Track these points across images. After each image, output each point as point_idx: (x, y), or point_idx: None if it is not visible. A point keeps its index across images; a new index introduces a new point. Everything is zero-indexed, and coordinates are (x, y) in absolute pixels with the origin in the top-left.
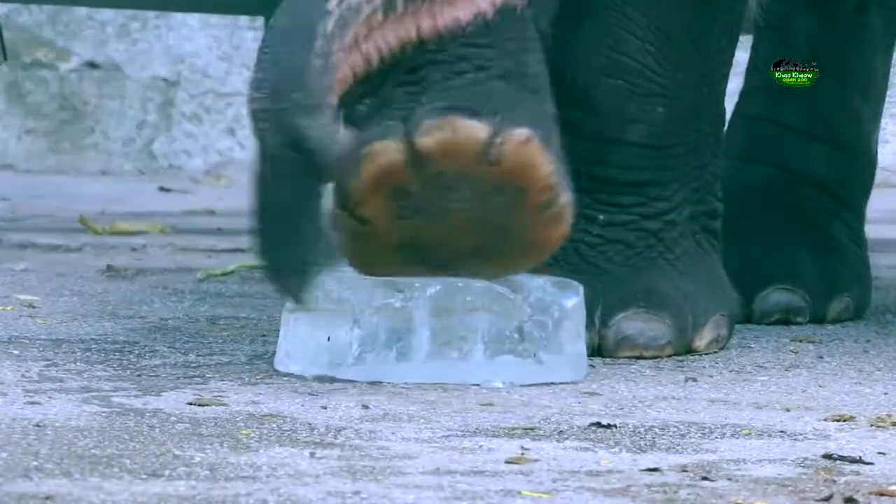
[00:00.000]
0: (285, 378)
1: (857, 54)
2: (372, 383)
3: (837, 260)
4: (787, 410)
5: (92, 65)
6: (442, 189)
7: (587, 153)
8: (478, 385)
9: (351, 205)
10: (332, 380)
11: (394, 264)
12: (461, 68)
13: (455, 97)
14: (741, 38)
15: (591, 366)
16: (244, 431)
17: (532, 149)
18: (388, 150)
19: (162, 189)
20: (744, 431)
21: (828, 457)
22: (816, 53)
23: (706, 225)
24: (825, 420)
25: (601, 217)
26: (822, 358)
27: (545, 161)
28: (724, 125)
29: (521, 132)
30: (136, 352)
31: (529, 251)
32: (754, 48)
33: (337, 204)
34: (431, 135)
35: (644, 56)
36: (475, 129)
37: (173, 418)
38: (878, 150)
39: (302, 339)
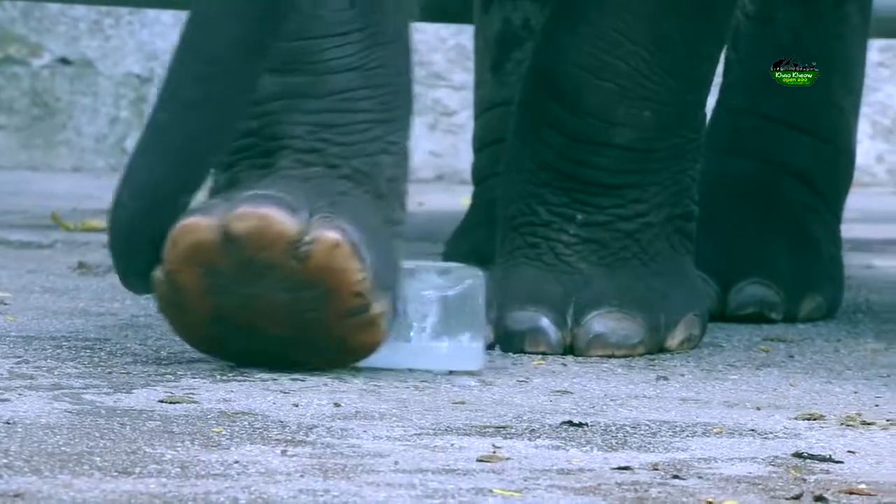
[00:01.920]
0: (257, 376)
1: (839, 46)
2: (344, 381)
3: (813, 258)
4: (758, 409)
5: (64, 61)
6: (252, 274)
7: (570, 153)
8: (449, 383)
9: (167, 270)
10: (305, 377)
11: (208, 337)
12: (310, 160)
13: (285, 187)
14: None
15: (563, 364)
16: (215, 429)
17: (341, 254)
18: (202, 228)
19: None
20: (714, 430)
21: (798, 455)
22: (799, 45)
23: (681, 227)
24: (796, 419)
25: (579, 216)
26: (792, 357)
27: (354, 269)
28: (704, 129)
29: (331, 236)
30: (108, 349)
31: (342, 351)
32: (734, 40)
33: (158, 266)
34: (243, 221)
35: (636, 60)
36: (284, 224)
37: (144, 416)
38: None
39: None
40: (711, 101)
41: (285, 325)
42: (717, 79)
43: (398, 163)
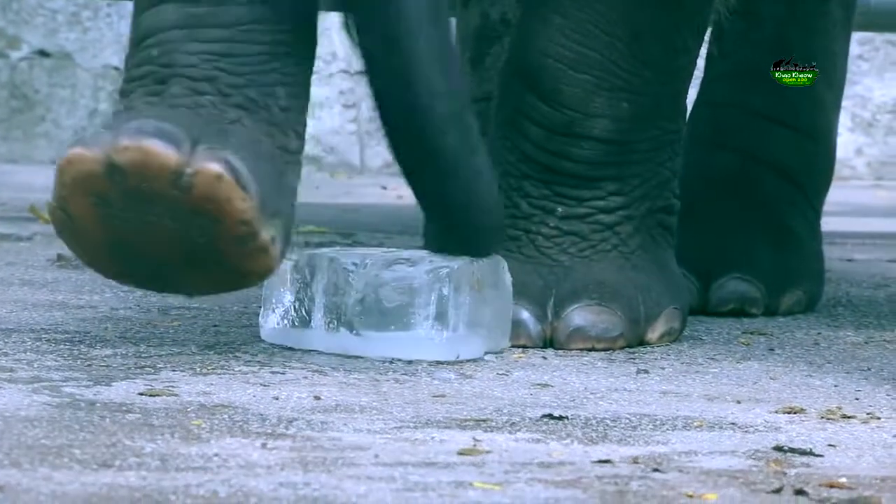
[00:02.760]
0: (237, 368)
1: (822, 41)
2: (324, 374)
3: (793, 253)
4: (738, 402)
5: (43, 53)
6: (141, 202)
7: (549, 145)
8: (429, 377)
9: (58, 198)
10: (284, 370)
11: (108, 261)
12: (203, 88)
13: (171, 116)
14: None
15: (543, 357)
16: (195, 422)
17: (223, 185)
18: (87, 159)
19: None
20: (695, 423)
21: (778, 449)
22: (783, 40)
23: (662, 220)
24: (776, 412)
25: (559, 209)
26: (773, 350)
27: (238, 198)
28: (685, 122)
29: (213, 167)
30: (87, 342)
31: (235, 277)
32: (717, 35)
33: (53, 195)
34: (125, 153)
35: (611, 52)
36: (165, 156)
37: (124, 408)
38: None
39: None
40: (692, 95)
41: (178, 251)
42: (698, 73)
43: (296, 94)
